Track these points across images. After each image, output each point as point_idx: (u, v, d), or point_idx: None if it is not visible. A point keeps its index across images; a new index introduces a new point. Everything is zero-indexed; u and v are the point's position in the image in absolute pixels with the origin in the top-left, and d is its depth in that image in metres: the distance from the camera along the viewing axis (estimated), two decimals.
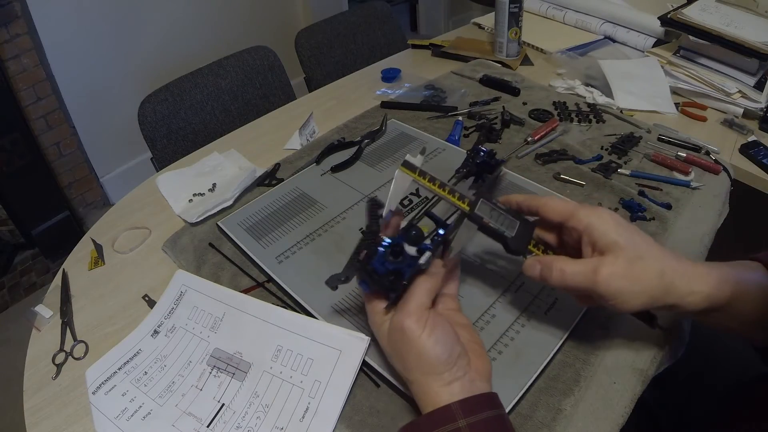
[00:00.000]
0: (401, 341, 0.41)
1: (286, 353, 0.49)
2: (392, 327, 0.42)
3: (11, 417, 1.28)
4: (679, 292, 0.42)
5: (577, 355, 0.49)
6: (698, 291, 0.42)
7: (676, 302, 0.42)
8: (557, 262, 0.43)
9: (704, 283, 0.42)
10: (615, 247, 0.42)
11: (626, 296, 0.41)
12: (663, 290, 0.42)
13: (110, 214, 0.74)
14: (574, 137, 0.82)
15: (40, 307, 0.58)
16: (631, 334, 0.51)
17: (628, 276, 0.41)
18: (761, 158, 0.80)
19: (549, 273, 0.43)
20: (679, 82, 0.97)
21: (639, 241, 0.43)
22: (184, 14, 1.99)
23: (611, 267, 0.41)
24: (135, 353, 0.52)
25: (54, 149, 1.71)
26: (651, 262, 0.42)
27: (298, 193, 0.71)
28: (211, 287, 0.57)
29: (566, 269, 0.43)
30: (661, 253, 0.43)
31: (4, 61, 1.49)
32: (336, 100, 1.00)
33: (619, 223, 0.43)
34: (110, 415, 0.47)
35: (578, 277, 0.42)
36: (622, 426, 0.45)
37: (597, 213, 0.44)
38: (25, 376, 0.52)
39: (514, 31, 1.08)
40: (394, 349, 0.42)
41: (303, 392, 0.46)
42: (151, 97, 1.08)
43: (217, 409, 0.46)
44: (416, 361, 0.40)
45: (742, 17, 0.99)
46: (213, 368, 0.50)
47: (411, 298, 0.42)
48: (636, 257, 0.41)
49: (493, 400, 0.40)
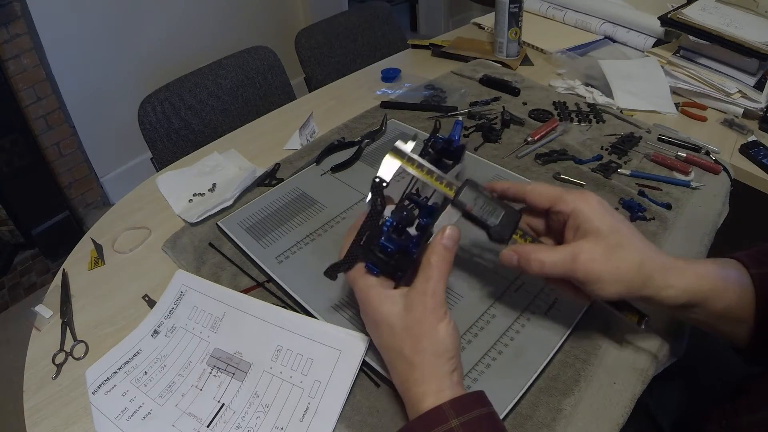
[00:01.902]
0: (422, 322, 0.40)
1: (286, 353, 0.49)
2: (412, 303, 0.41)
3: (11, 417, 1.28)
4: (656, 284, 0.42)
5: (577, 355, 0.49)
6: (675, 285, 0.42)
7: (653, 294, 0.43)
8: (535, 253, 0.43)
9: (682, 277, 0.43)
10: (597, 233, 0.42)
11: (604, 283, 0.42)
12: (641, 281, 0.42)
13: (110, 214, 0.74)
14: (574, 137, 0.82)
15: (40, 307, 0.58)
16: (631, 334, 0.51)
17: (606, 262, 0.41)
18: (761, 158, 0.80)
19: (527, 264, 0.43)
20: (679, 82, 0.97)
21: (622, 230, 0.43)
22: (184, 14, 1.99)
23: (591, 252, 0.42)
24: (135, 353, 0.52)
25: (54, 149, 1.71)
26: (631, 252, 0.42)
27: (298, 193, 0.71)
28: (211, 287, 0.57)
29: (545, 260, 0.43)
30: (641, 245, 0.43)
31: (4, 61, 1.49)
32: (336, 100, 1.00)
33: (605, 210, 0.43)
34: (110, 415, 0.47)
35: (558, 266, 0.42)
36: (622, 426, 0.45)
37: (584, 198, 0.44)
38: (25, 376, 0.52)
39: (514, 31, 1.08)
40: (409, 329, 0.41)
41: (303, 392, 0.46)
42: (151, 97, 1.08)
43: (217, 409, 0.46)
44: (431, 342, 0.40)
45: (742, 17, 0.99)
46: (213, 368, 0.50)
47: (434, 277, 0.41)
48: (616, 245, 0.42)
49: (482, 398, 0.40)
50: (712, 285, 0.43)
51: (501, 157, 0.78)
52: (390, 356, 0.43)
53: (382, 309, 0.42)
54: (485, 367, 0.48)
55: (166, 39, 1.96)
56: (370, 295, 0.43)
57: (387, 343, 0.43)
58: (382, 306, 0.42)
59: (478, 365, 0.48)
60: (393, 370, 0.43)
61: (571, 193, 0.45)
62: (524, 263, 0.44)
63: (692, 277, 0.43)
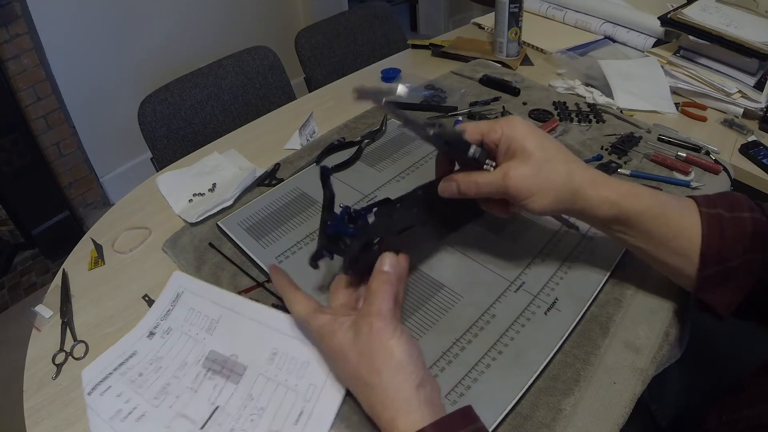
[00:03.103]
0: (372, 342, 0.40)
1: (282, 356, 0.49)
2: (359, 328, 0.41)
3: (11, 417, 1.28)
4: (586, 196, 0.45)
5: (577, 355, 0.49)
6: (605, 197, 0.44)
7: (585, 207, 0.45)
8: (470, 176, 0.46)
9: (612, 190, 0.45)
10: (524, 151, 0.44)
11: (535, 195, 0.44)
12: (570, 192, 0.44)
13: (110, 214, 0.74)
14: (574, 137, 0.82)
15: (40, 307, 0.58)
16: (631, 334, 0.51)
17: (535, 176, 0.44)
18: (761, 158, 0.80)
19: (466, 187, 0.46)
20: (679, 82, 0.97)
21: (548, 146, 0.45)
22: (184, 14, 1.99)
23: (520, 169, 0.44)
24: (131, 354, 0.52)
25: (54, 149, 1.71)
26: (558, 165, 0.44)
27: (298, 193, 0.71)
28: (207, 289, 0.57)
29: (479, 180, 0.45)
30: (569, 158, 0.46)
31: (4, 61, 1.49)
32: (336, 100, 1.00)
33: (530, 130, 0.45)
34: (105, 416, 0.47)
35: (491, 185, 0.45)
36: (622, 426, 0.45)
37: (510, 123, 0.46)
38: (25, 376, 0.52)
39: (514, 31, 1.08)
40: (361, 353, 0.40)
41: (298, 396, 0.46)
42: (151, 97, 1.08)
43: (211, 411, 0.46)
44: (385, 359, 0.39)
45: (742, 17, 0.99)
46: (208, 370, 0.50)
47: (377, 300, 0.42)
48: (544, 159, 0.44)
49: (469, 415, 0.39)
50: (646, 205, 0.45)
51: None
52: (352, 386, 0.43)
53: (334, 341, 0.42)
54: (485, 367, 0.48)
55: (166, 39, 1.96)
56: (322, 332, 0.44)
57: (346, 372, 0.42)
58: (334, 338, 0.42)
59: (478, 365, 0.48)
60: (360, 400, 0.42)
61: (499, 121, 0.46)
62: (463, 188, 0.46)
63: (625, 191, 0.45)
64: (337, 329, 0.43)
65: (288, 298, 0.48)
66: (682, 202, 0.47)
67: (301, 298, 0.47)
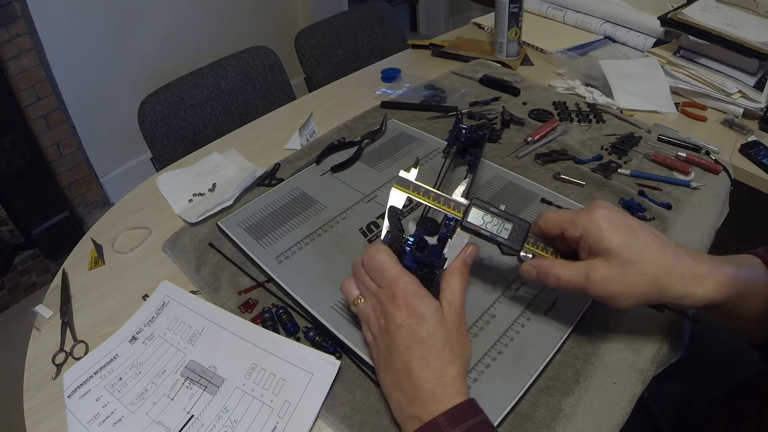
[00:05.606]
0: (457, 330, 0.44)
1: (260, 372, 0.49)
2: (451, 315, 0.44)
3: (11, 417, 1.28)
4: (674, 293, 0.43)
5: (577, 355, 0.50)
6: (695, 294, 0.43)
7: (673, 301, 0.44)
8: (553, 268, 0.45)
9: (701, 286, 0.43)
10: (606, 252, 0.43)
11: (619, 298, 0.43)
12: (657, 293, 0.43)
13: (110, 214, 0.74)
14: (574, 137, 0.82)
15: (40, 307, 0.58)
16: (631, 334, 0.51)
17: (618, 280, 0.43)
18: (761, 158, 0.80)
19: (546, 278, 0.46)
20: (679, 82, 0.97)
21: (632, 244, 0.43)
22: (184, 14, 1.99)
23: (602, 272, 0.43)
24: (112, 358, 0.52)
25: (54, 149, 1.71)
26: (643, 267, 0.42)
27: (298, 193, 0.71)
28: (193, 300, 0.57)
29: (561, 275, 0.45)
30: (655, 257, 0.43)
31: (4, 61, 1.49)
32: (336, 100, 1.00)
33: (613, 228, 0.43)
34: (83, 419, 0.47)
35: (572, 282, 0.44)
36: (622, 426, 0.45)
37: (591, 220, 0.44)
38: (25, 376, 0.52)
39: (514, 31, 1.08)
40: (448, 331, 0.43)
41: (272, 411, 0.46)
42: (151, 97, 1.08)
43: (185, 420, 0.47)
44: (461, 346, 0.43)
45: (742, 17, 0.99)
46: (186, 379, 0.50)
47: (459, 295, 0.45)
48: (627, 262, 0.42)
49: (475, 407, 0.40)
50: (733, 291, 0.43)
51: (501, 157, 0.78)
52: (424, 351, 0.42)
53: (426, 306, 0.43)
54: (485, 367, 0.48)
55: (166, 39, 1.96)
56: (419, 291, 0.44)
57: (427, 332, 0.42)
58: (427, 304, 0.43)
59: (478, 365, 0.48)
60: (417, 368, 0.42)
61: (580, 215, 0.45)
62: (543, 277, 0.46)
63: (712, 284, 0.43)
64: (437, 308, 0.45)
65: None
66: (760, 269, 0.45)
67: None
